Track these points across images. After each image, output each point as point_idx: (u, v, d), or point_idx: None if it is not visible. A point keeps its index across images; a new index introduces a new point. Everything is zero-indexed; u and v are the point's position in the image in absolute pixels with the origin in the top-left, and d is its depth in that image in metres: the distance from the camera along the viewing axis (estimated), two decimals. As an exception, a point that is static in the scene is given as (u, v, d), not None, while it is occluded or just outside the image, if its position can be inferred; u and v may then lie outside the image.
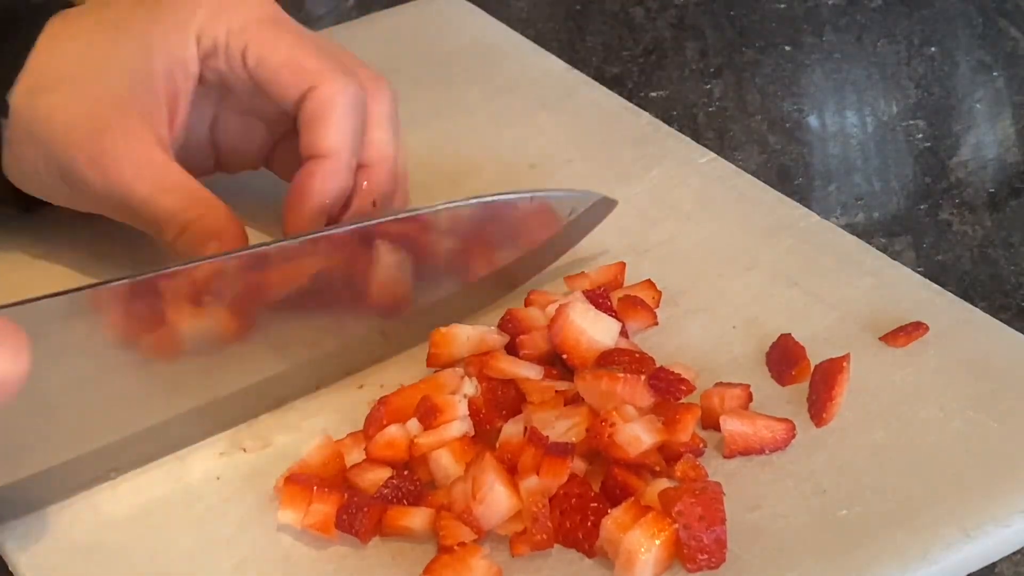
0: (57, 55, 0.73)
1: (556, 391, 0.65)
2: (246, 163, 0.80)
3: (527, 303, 0.72)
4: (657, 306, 0.73)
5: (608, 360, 0.66)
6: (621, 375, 0.64)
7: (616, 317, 0.69)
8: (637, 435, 0.61)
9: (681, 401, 0.65)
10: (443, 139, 0.87)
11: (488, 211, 0.73)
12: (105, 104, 0.72)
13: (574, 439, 0.63)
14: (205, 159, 0.78)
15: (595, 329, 0.67)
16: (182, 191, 0.72)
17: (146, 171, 0.71)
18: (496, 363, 0.67)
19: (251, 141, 0.79)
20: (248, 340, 0.68)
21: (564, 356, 0.67)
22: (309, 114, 0.73)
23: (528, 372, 0.67)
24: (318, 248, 0.70)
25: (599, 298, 0.70)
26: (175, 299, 0.66)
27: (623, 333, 0.69)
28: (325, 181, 0.73)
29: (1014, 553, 0.63)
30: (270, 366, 0.69)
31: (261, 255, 0.68)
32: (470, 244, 0.73)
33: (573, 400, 0.65)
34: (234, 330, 0.68)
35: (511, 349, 0.69)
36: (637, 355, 0.67)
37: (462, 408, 0.64)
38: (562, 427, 0.63)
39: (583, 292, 0.70)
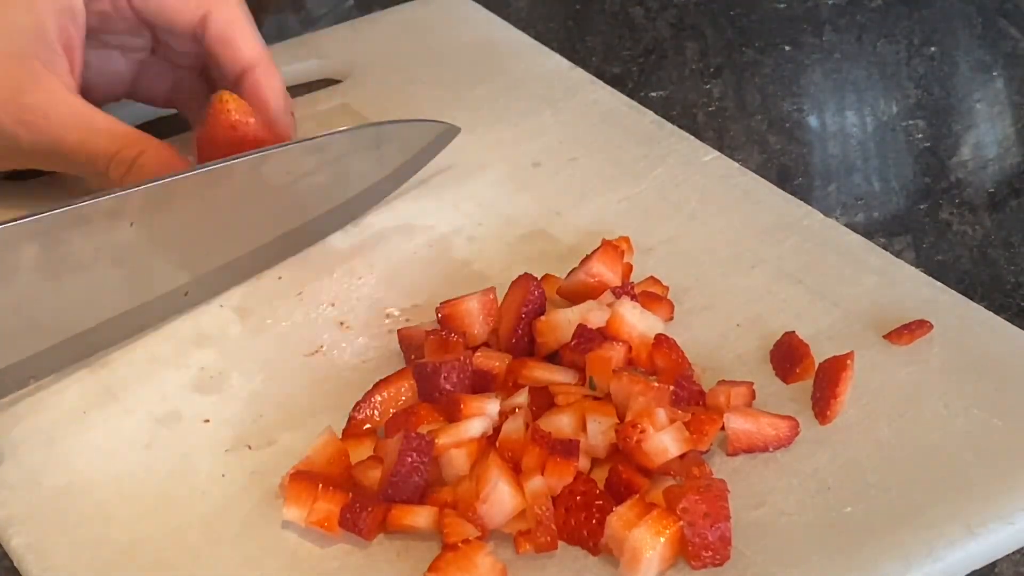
0: None
1: (585, 395, 0.65)
2: (110, 95, 0.85)
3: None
4: (663, 303, 0.73)
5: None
6: (656, 384, 0.64)
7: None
8: (665, 446, 0.61)
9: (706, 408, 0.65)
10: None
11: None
12: (11, 65, 0.76)
13: (603, 442, 0.63)
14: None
15: (644, 325, 0.68)
16: (113, 132, 0.77)
17: (71, 120, 0.76)
18: (529, 371, 0.67)
19: (114, 72, 0.84)
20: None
21: None
22: (219, 35, 0.80)
23: (562, 377, 0.67)
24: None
25: (629, 295, 0.70)
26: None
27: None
28: (273, 81, 0.81)
29: (1014, 552, 0.63)
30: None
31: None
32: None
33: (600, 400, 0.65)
34: None
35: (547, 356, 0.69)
36: (675, 356, 0.67)
37: (491, 407, 0.64)
38: (594, 429, 0.63)
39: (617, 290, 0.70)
